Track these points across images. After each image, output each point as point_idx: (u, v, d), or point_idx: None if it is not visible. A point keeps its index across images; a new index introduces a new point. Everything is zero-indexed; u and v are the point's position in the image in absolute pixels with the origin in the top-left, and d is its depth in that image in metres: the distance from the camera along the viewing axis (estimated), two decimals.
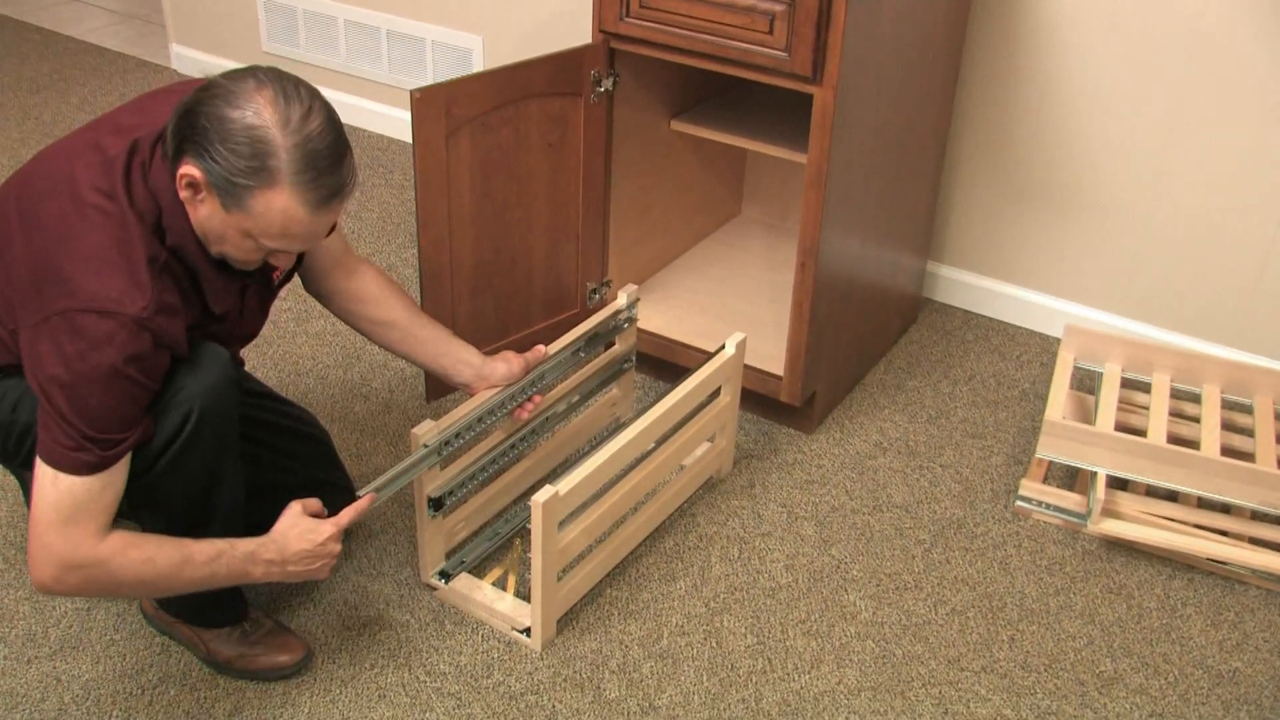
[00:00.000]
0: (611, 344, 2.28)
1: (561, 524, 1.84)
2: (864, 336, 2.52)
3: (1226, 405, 2.37)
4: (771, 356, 2.39)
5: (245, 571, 1.65)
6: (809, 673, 1.89)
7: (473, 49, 3.34)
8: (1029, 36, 2.55)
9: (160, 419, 1.58)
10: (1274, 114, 2.37)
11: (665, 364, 2.50)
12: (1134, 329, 2.68)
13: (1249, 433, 2.32)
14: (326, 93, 1.65)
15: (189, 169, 1.48)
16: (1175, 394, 2.41)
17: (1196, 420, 2.33)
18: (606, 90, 2.23)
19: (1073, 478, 2.30)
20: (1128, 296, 2.68)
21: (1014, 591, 2.06)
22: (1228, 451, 2.26)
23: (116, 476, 1.54)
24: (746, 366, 2.32)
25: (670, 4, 2.08)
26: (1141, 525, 2.11)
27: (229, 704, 1.80)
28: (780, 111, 2.53)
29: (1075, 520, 2.19)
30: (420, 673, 1.86)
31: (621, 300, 2.24)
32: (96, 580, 1.56)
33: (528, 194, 2.19)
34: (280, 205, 1.47)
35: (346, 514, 1.72)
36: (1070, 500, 2.19)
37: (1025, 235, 2.75)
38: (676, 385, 2.03)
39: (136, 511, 1.68)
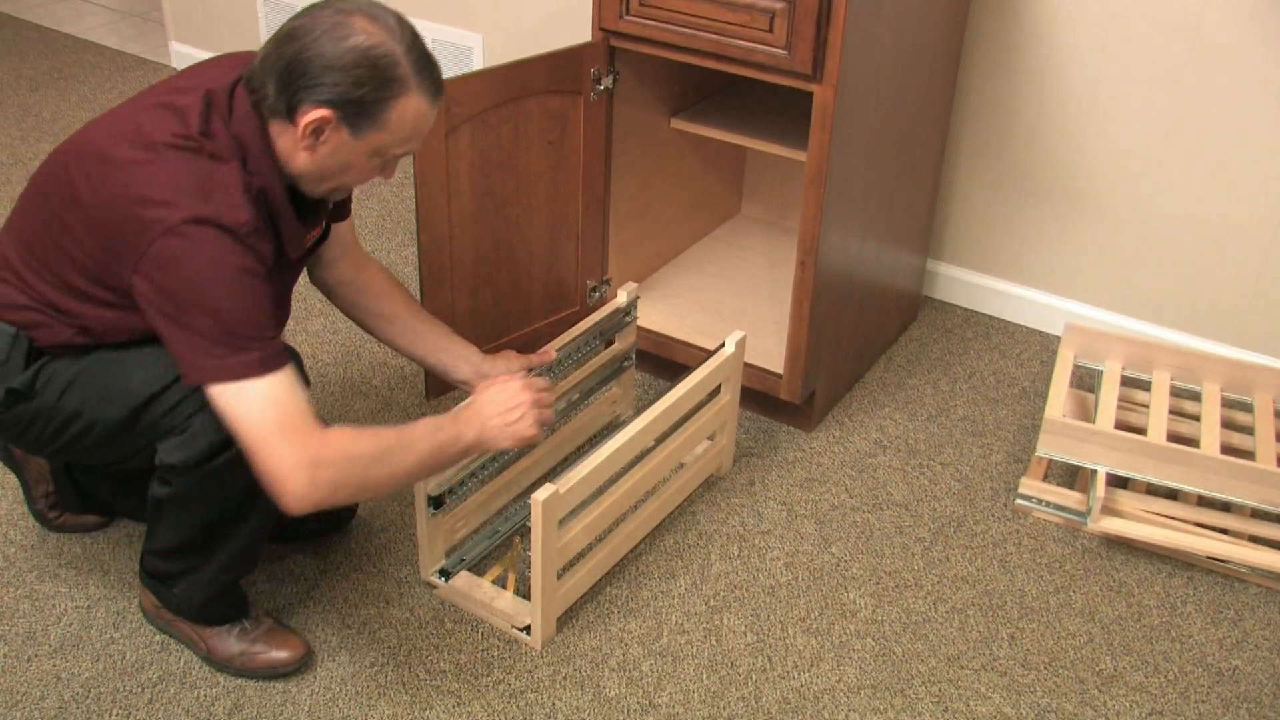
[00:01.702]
0: (611, 342, 2.28)
1: (561, 522, 1.84)
2: (864, 334, 2.52)
3: (1226, 403, 2.37)
4: (771, 354, 2.39)
5: (459, 434, 1.66)
6: (809, 671, 1.89)
7: (472, 47, 3.34)
8: (1029, 34, 2.55)
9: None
10: (1274, 112, 2.37)
11: (665, 362, 2.50)
12: (1134, 327, 2.68)
13: (1249, 431, 2.32)
14: None
15: (315, 113, 1.51)
16: (1175, 392, 2.41)
17: (1196, 418, 2.33)
18: (606, 88, 2.23)
19: (1073, 476, 2.30)
20: (1128, 295, 2.68)
21: (1014, 589, 2.06)
22: (1228, 450, 2.26)
23: (293, 375, 1.53)
24: (746, 364, 2.32)
25: (670, 2, 2.08)
26: (1141, 523, 2.11)
27: (229, 702, 1.80)
28: (780, 109, 2.53)
29: (1075, 518, 2.19)
30: (420, 671, 1.86)
31: (621, 298, 2.24)
32: (345, 473, 1.54)
33: (527, 192, 2.18)
34: (413, 108, 1.55)
35: (518, 360, 1.86)
36: (1070, 498, 2.19)
37: (1025, 233, 2.75)
38: (676, 383, 2.03)
39: (176, 507, 1.69)
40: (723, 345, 2.15)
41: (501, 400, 1.72)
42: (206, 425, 1.60)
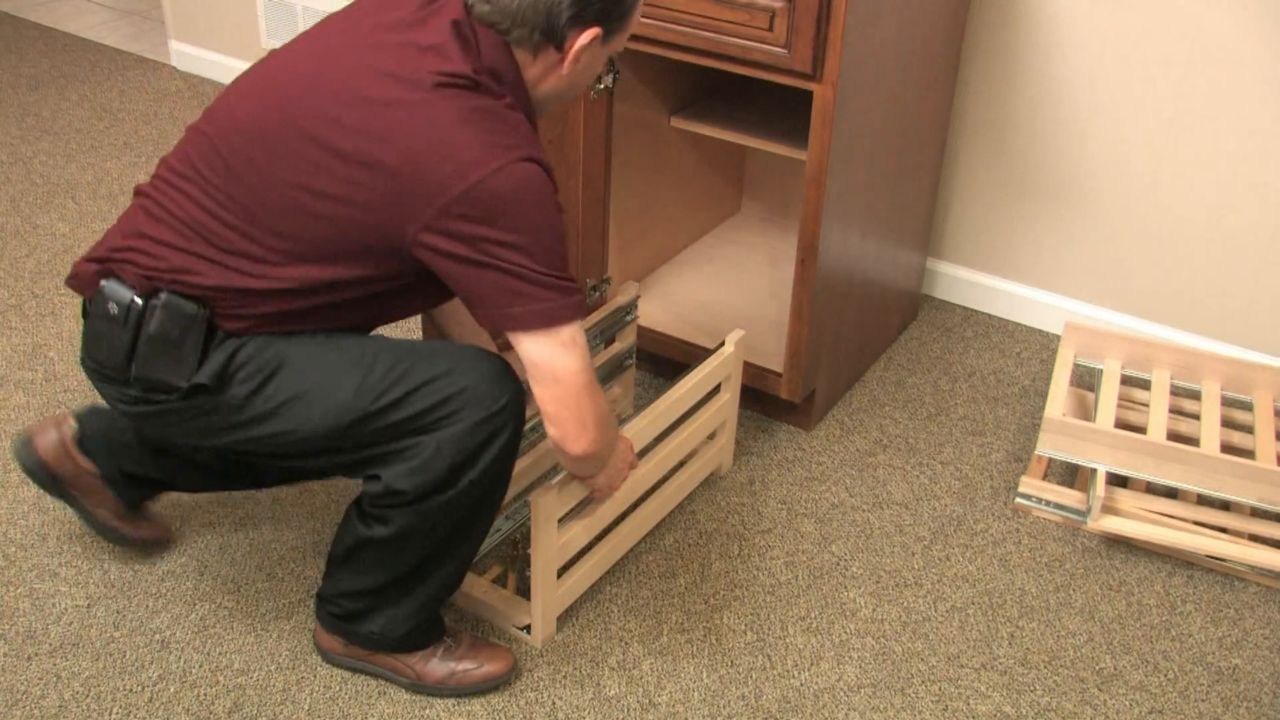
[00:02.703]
0: (612, 340, 2.28)
1: (561, 521, 1.84)
2: (864, 333, 2.52)
3: (1226, 402, 2.37)
4: (771, 353, 2.39)
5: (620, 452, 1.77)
6: (809, 670, 1.89)
7: None
8: (1029, 32, 2.55)
9: (478, 425, 1.54)
10: (1275, 110, 2.37)
11: (665, 360, 2.50)
12: (1134, 326, 2.68)
13: (1249, 429, 2.32)
14: None
15: (586, 34, 1.49)
16: (1175, 391, 2.41)
17: (1196, 417, 2.33)
18: (606, 87, 2.23)
19: (1072, 475, 2.30)
20: (1127, 293, 2.68)
21: (1014, 588, 2.06)
22: (1227, 448, 2.27)
23: None
24: (746, 363, 2.32)
25: (670, 0, 2.08)
26: (1141, 522, 2.11)
27: (229, 701, 1.80)
28: (780, 108, 2.53)
29: (1075, 517, 2.19)
30: None
31: (622, 298, 2.23)
32: (611, 436, 1.60)
33: None
34: None
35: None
36: (1070, 497, 2.19)
37: (1025, 231, 2.75)
38: (676, 382, 2.03)
39: (390, 546, 1.61)
40: (723, 344, 2.15)
41: (623, 449, 1.81)
42: (445, 446, 1.52)
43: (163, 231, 1.51)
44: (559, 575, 1.89)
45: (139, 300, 1.50)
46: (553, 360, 1.47)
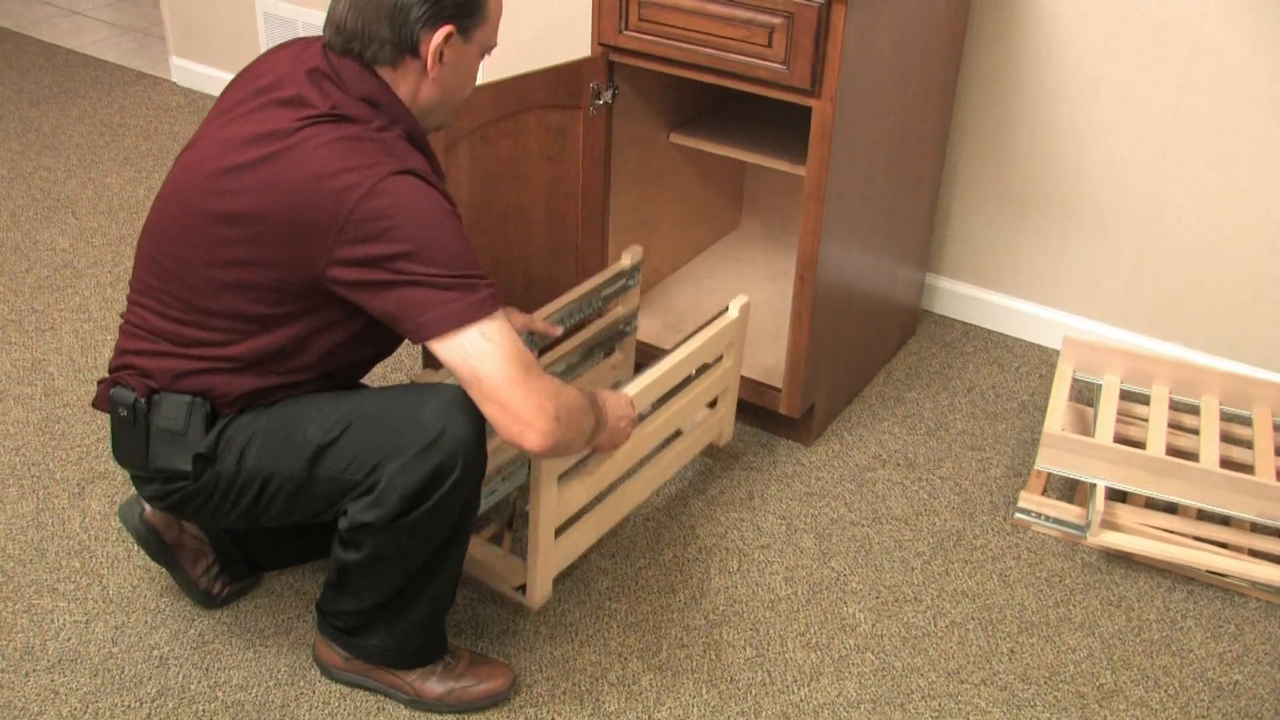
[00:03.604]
0: (606, 308, 2.27)
1: (561, 479, 1.82)
2: (863, 348, 2.53)
3: (1225, 417, 2.37)
4: (771, 368, 2.39)
5: (600, 419, 1.67)
6: (808, 685, 1.89)
7: None
8: (1028, 48, 2.56)
9: (422, 456, 1.56)
10: (1274, 124, 2.37)
11: None
12: (1133, 341, 2.69)
13: (1248, 444, 2.32)
14: None
15: (439, 33, 1.53)
16: (1174, 406, 2.41)
17: (1195, 432, 2.33)
18: (606, 102, 2.23)
19: (1072, 490, 2.30)
20: (1126, 308, 2.68)
21: (1014, 604, 2.06)
22: (1227, 463, 2.26)
23: None
24: (745, 379, 2.32)
25: (669, 17, 2.09)
26: (1141, 537, 2.11)
27: (227, 717, 1.79)
28: (779, 124, 2.54)
29: (1075, 532, 2.18)
30: None
31: (625, 261, 2.22)
32: (570, 420, 1.54)
33: (527, 206, 2.19)
34: None
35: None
36: (1069, 512, 2.19)
37: (1024, 247, 2.75)
38: (678, 346, 2.01)
39: (368, 569, 1.65)
40: (726, 309, 2.14)
41: (622, 404, 1.78)
42: (395, 479, 1.56)
43: (139, 344, 1.63)
44: (557, 535, 1.87)
45: (142, 400, 1.62)
46: (470, 361, 1.47)
